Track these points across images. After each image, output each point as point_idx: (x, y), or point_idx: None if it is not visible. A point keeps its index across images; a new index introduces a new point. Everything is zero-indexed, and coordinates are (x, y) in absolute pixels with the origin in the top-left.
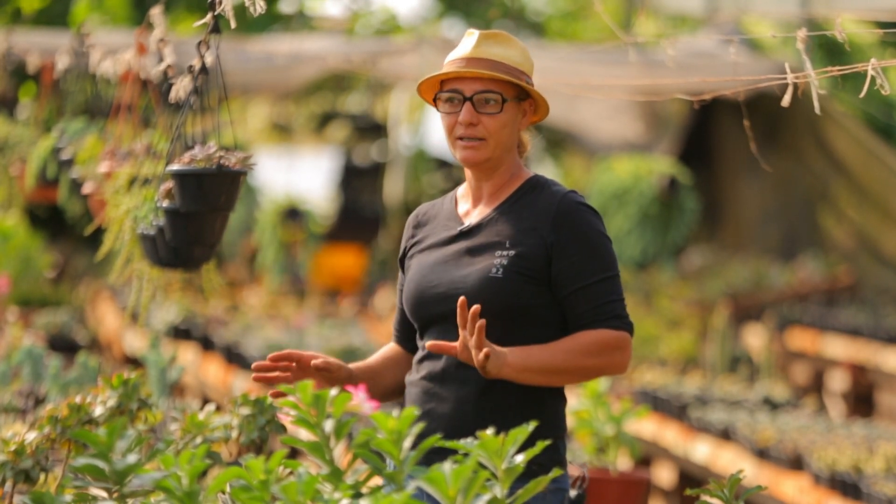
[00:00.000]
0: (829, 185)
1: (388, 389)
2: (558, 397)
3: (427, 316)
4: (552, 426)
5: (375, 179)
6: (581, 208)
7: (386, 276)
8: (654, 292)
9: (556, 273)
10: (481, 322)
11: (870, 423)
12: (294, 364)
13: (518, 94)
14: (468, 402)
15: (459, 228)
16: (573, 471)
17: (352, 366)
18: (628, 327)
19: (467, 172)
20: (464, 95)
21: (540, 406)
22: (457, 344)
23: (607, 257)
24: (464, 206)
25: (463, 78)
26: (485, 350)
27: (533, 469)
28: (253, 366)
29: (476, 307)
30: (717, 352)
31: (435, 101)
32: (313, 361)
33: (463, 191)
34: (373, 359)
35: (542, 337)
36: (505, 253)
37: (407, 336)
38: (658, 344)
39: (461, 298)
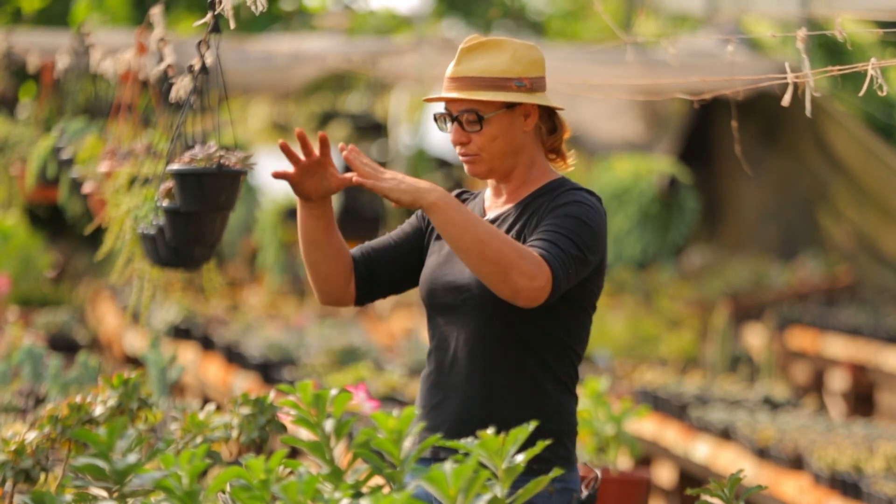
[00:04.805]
0: (828, 184)
1: (325, 255)
2: (567, 394)
3: (434, 304)
4: (559, 423)
5: None
6: (580, 197)
7: None
8: (654, 292)
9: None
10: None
11: (870, 423)
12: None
13: (506, 102)
14: (474, 398)
15: None
16: (586, 471)
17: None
18: (552, 265)
19: None
20: (451, 115)
21: (546, 403)
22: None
23: (576, 229)
24: (489, 200)
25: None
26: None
27: (537, 468)
28: (298, 131)
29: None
30: (717, 351)
31: (437, 123)
32: (333, 169)
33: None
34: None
35: (543, 332)
36: None
37: (363, 262)
38: (658, 344)
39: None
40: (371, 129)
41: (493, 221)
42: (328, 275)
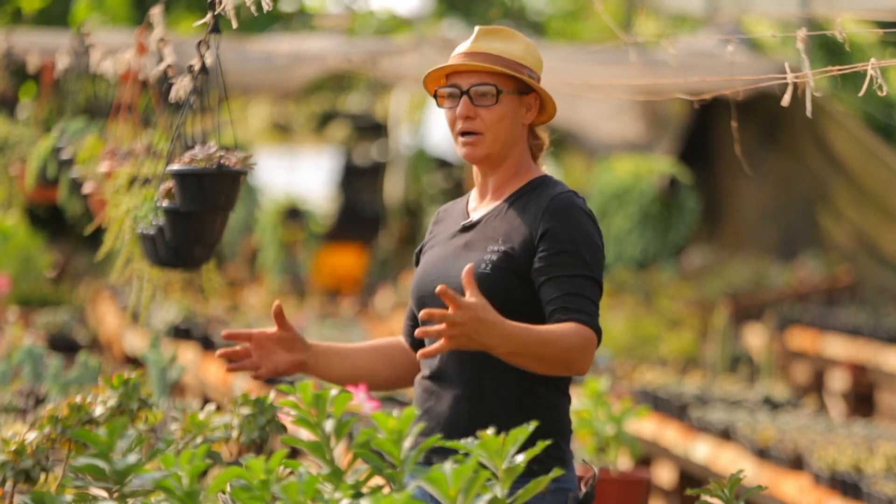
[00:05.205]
0: (828, 184)
1: (365, 377)
2: (559, 395)
3: (423, 309)
4: (552, 424)
5: (375, 179)
6: (573, 207)
7: (386, 276)
8: (654, 292)
9: (535, 263)
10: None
11: (870, 423)
12: (251, 343)
13: (518, 87)
14: (464, 401)
15: (462, 223)
16: (584, 469)
17: (317, 343)
18: (596, 328)
19: (474, 168)
20: (461, 89)
21: (537, 404)
22: (440, 345)
23: (589, 258)
24: (473, 201)
25: (461, 72)
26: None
27: (533, 468)
28: (218, 353)
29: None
30: (718, 352)
31: (437, 99)
32: (269, 332)
33: (475, 186)
34: (354, 344)
35: None
36: (496, 249)
37: (412, 335)
38: (658, 344)
39: (439, 287)
40: (371, 129)
41: (480, 220)
42: (395, 380)
